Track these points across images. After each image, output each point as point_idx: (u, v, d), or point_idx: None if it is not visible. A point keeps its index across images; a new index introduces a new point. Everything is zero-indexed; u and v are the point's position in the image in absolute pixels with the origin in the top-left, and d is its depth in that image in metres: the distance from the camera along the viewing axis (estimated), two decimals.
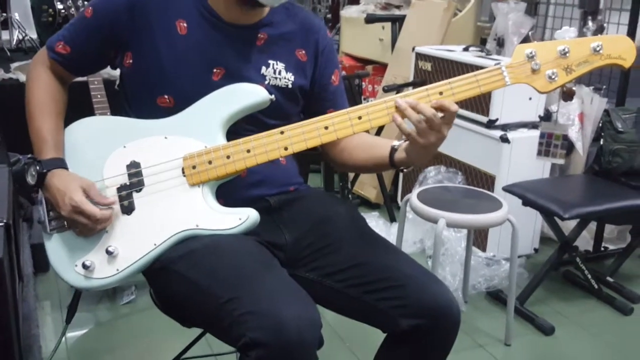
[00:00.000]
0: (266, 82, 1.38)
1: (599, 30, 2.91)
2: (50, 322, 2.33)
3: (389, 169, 1.40)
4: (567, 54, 1.23)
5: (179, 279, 1.25)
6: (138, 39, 1.34)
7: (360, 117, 1.26)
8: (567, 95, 1.72)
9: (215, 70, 1.35)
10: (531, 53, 1.24)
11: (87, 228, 1.28)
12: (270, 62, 1.39)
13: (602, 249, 2.99)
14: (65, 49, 1.39)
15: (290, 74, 1.41)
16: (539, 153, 2.34)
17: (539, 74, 1.24)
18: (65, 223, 1.32)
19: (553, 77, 1.24)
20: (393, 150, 1.35)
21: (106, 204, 1.29)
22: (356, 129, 1.26)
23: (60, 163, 1.33)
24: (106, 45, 1.37)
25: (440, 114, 1.21)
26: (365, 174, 3.36)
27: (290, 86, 1.41)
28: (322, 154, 1.52)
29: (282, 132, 1.27)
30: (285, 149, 1.27)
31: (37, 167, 1.31)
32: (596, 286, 2.58)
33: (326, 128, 1.26)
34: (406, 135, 1.24)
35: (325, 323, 1.17)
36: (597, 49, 1.23)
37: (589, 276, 2.56)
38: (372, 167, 1.47)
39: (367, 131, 1.32)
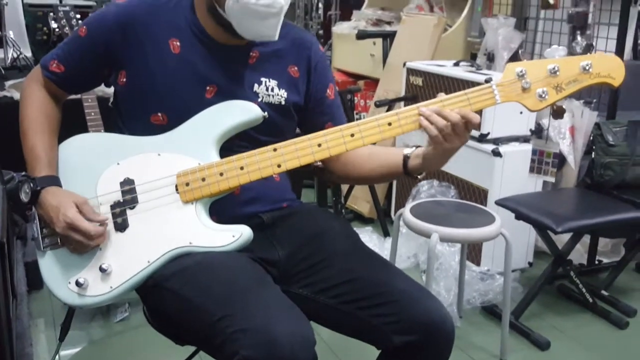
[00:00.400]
0: (259, 100, 1.39)
1: (588, 48, 2.94)
2: (43, 339, 2.32)
3: (399, 177, 1.41)
4: (557, 73, 1.25)
5: (172, 297, 1.24)
6: (131, 57, 1.35)
7: (352, 135, 1.27)
8: (557, 113, 1.73)
9: (208, 87, 1.36)
10: (521, 72, 1.25)
11: (81, 245, 1.28)
12: (263, 79, 1.40)
13: (597, 262, 2.99)
14: (59, 67, 1.40)
15: (283, 90, 1.42)
16: (531, 170, 2.36)
17: (529, 93, 1.25)
18: (59, 240, 1.32)
19: (543, 95, 1.25)
20: (406, 157, 1.36)
21: (99, 221, 1.29)
22: (349, 147, 1.27)
23: (53, 180, 1.33)
24: (100, 63, 1.38)
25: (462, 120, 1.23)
26: (369, 184, 3.27)
27: (283, 103, 1.42)
28: (322, 168, 1.53)
29: (275, 150, 1.28)
30: (279, 166, 1.28)
31: (31, 185, 1.31)
32: (591, 300, 2.58)
33: (319, 145, 1.27)
34: (432, 137, 1.25)
35: (319, 339, 1.17)
36: (587, 67, 1.24)
37: (584, 290, 2.56)
38: (379, 177, 1.48)
39: None
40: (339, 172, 1.50)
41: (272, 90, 1.41)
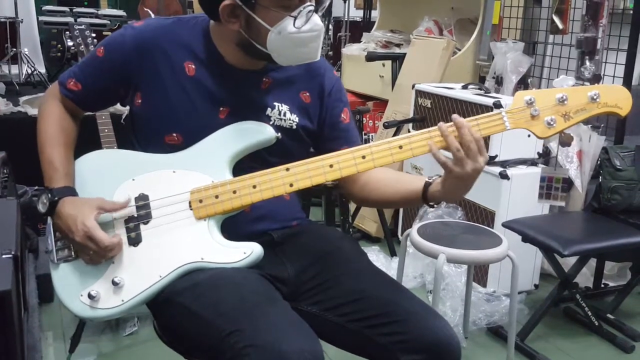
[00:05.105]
0: (271, 123, 1.41)
1: (596, 79, 2.96)
2: (53, 352, 2.33)
3: (418, 204, 1.41)
4: (565, 102, 1.27)
5: (182, 311, 1.26)
6: (147, 80, 1.38)
7: (364, 157, 1.29)
8: (565, 142, 1.76)
9: (221, 109, 1.39)
10: (530, 100, 1.28)
11: (97, 255, 1.30)
12: (276, 104, 1.43)
13: (603, 285, 2.99)
14: (76, 85, 1.43)
15: (295, 115, 1.45)
16: (540, 196, 2.38)
17: (538, 120, 1.28)
18: (73, 253, 1.34)
19: (552, 123, 1.27)
20: (427, 184, 1.36)
21: (123, 205, 1.32)
22: (360, 168, 1.29)
23: (70, 191, 1.35)
24: (116, 84, 1.41)
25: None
26: (386, 208, 3.27)
27: (294, 127, 1.45)
28: (341, 188, 1.54)
29: (287, 169, 1.31)
30: (291, 185, 1.30)
31: (49, 195, 1.33)
32: (597, 323, 2.58)
33: (331, 166, 1.30)
34: (442, 163, 1.26)
35: (326, 357, 1.19)
36: (594, 97, 1.27)
37: (590, 313, 2.56)
38: (397, 202, 1.48)
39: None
40: (357, 194, 1.50)
41: (285, 114, 1.43)
